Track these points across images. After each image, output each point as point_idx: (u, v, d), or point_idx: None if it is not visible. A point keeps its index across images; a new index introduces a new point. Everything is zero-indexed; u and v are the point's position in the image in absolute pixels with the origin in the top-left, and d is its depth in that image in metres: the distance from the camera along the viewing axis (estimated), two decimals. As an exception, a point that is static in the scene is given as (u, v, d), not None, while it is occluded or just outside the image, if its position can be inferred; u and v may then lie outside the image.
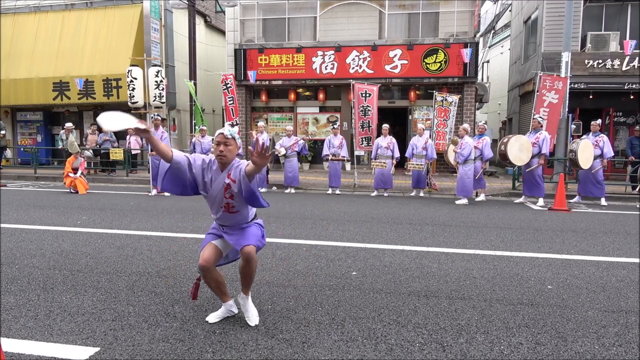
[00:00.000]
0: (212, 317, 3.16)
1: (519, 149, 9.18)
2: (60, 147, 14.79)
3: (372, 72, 14.98)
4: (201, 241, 5.45)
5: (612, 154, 9.68)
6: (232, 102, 13.34)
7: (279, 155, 11.01)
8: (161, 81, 10.79)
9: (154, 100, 10.80)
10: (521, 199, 9.75)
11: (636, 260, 4.93)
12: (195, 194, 3.18)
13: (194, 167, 3.05)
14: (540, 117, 9.74)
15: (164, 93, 10.93)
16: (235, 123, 13.31)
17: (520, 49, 17.72)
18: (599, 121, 9.99)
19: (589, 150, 9.19)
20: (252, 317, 3.13)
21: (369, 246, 5.37)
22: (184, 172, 3.05)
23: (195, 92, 12.92)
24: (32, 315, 3.21)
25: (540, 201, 9.35)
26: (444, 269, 4.46)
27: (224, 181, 2.99)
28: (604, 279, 4.22)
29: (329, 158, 10.99)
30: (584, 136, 9.80)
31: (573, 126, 13.23)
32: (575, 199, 9.90)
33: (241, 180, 2.87)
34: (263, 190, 10.90)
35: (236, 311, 3.24)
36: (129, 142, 13.98)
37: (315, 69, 15.34)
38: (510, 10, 20.48)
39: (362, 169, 15.42)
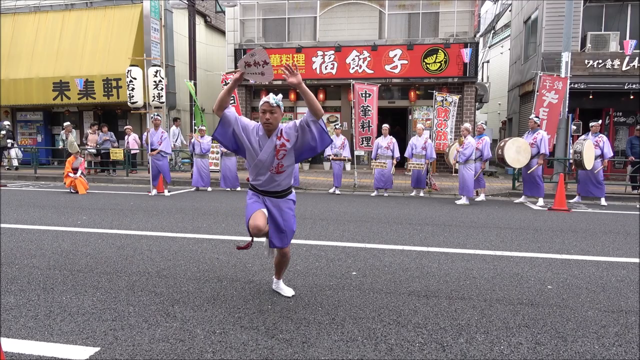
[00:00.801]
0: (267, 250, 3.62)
1: (517, 151, 9.18)
2: (60, 147, 14.80)
3: (372, 72, 14.98)
4: (201, 241, 5.50)
5: (612, 154, 9.68)
6: (232, 102, 13.33)
7: None
8: (160, 81, 10.79)
9: (153, 100, 10.80)
10: (521, 199, 9.76)
11: (636, 260, 4.93)
12: (238, 154, 3.46)
13: (239, 121, 3.34)
14: (536, 117, 9.71)
15: (163, 93, 10.93)
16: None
17: (520, 49, 17.72)
18: (600, 122, 9.98)
19: (591, 150, 9.20)
20: (288, 292, 3.67)
21: (369, 246, 5.37)
22: (230, 123, 3.32)
23: (195, 92, 12.92)
24: (32, 315, 3.21)
25: (540, 201, 9.35)
26: (444, 269, 4.46)
27: (274, 144, 3.29)
28: (604, 279, 4.22)
29: (331, 158, 11.00)
30: (584, 136, 9.80)
31: (573, 126, 13.23)
32: (575, 199, 9.91)
33: (310, 125, 3.31)
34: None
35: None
36: (128, 142, 14.00)
37: (315, 69, 15.34)
38: (510, 10, 20.49)
39: (362, 169, 15.43)
